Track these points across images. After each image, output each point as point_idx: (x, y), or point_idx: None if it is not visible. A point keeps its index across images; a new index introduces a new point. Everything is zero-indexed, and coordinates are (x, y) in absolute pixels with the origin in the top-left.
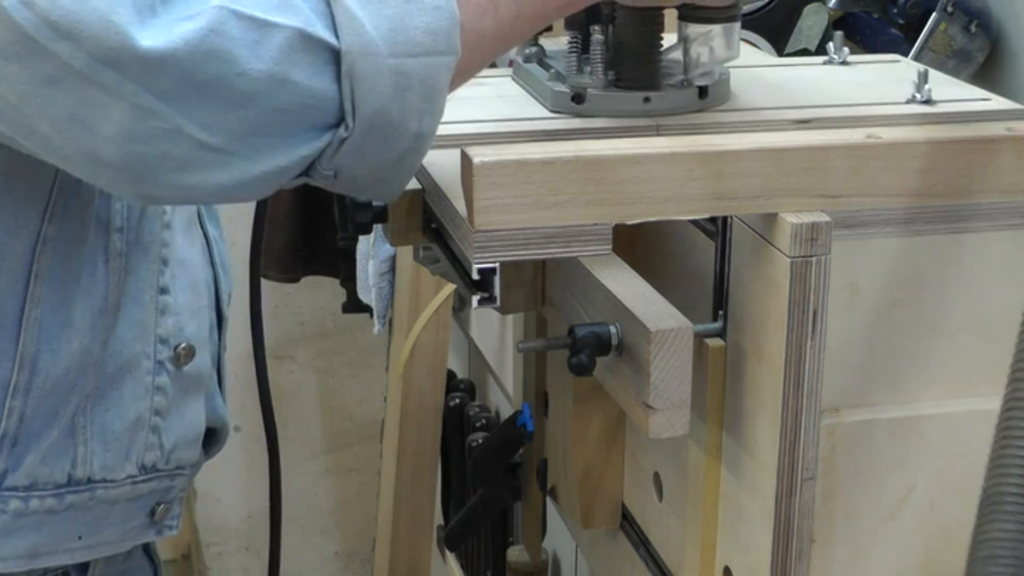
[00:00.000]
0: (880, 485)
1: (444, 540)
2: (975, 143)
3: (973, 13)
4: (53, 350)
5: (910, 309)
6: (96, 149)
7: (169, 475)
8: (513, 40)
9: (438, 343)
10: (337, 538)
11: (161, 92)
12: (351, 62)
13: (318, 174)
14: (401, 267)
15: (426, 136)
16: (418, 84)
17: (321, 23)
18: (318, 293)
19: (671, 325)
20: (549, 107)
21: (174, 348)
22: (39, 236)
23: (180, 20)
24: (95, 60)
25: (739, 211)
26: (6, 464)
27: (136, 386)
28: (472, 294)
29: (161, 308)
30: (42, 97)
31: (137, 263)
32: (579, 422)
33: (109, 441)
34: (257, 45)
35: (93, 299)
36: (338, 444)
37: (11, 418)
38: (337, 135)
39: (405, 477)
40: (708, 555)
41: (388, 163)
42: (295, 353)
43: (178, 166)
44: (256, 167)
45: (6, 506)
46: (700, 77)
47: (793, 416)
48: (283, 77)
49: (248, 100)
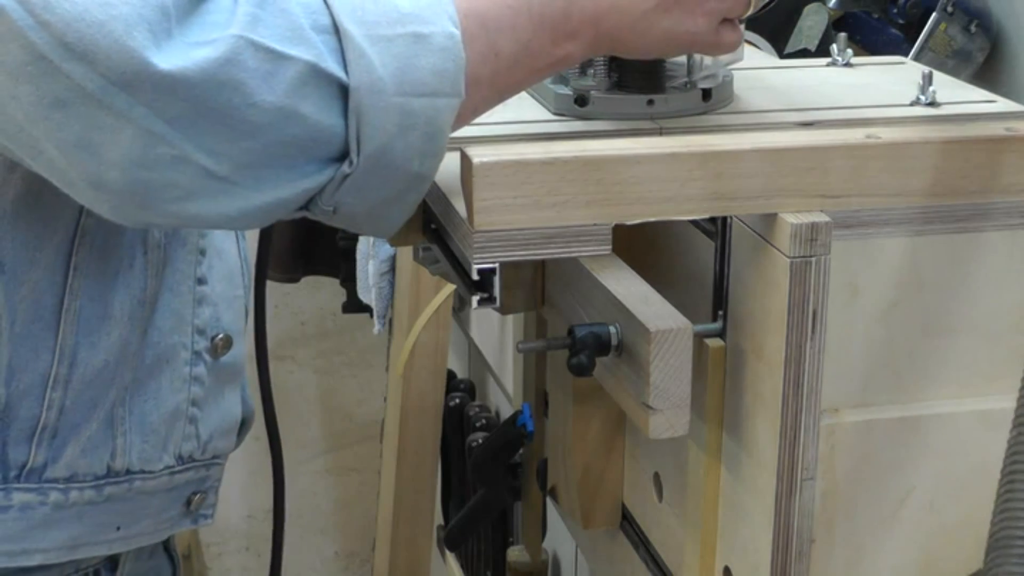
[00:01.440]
0: (880, 485)
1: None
2: (975, 143)
3: (973, 13)
4: (92, 342)
5: (910, 309)
6: (101, 175)
7: (205, 465)
8: (507, 90)
9: (438, 343)
10: (337, 538)
11: (171, 117)
12: (359, 99)
13: (318, 209)
14: (401, 267)
15: (426, 177)
16: (422, 124)
17: (332, 58)
18: (318, 293)
19: (671, 325)
20: (552, 110)
21: (211, 339)
22: (77, 228)
23: (197, 45)
24: (108, 83)
25: (739, 211)
26: (46, 456)
27: (174, 377)
28: (472, 294)
29: (198, 298)
30: (50, 120)
31: (175, 253)
32: (579, 422)
33: (147, 432)
34: (270, 77)
35: (131, 290)
36: (338, 444)
37: (51, 410)
38: (340, 171)
39: (405, 477)
40: (708, 555)
41: (387, 201)
42: (295, 353)
43: (182, 194)
44: (259, 198)
45: (46, 498)
46: (703, 80)
47: (793, 416)
48: (292, 110)
49: (257, 131)
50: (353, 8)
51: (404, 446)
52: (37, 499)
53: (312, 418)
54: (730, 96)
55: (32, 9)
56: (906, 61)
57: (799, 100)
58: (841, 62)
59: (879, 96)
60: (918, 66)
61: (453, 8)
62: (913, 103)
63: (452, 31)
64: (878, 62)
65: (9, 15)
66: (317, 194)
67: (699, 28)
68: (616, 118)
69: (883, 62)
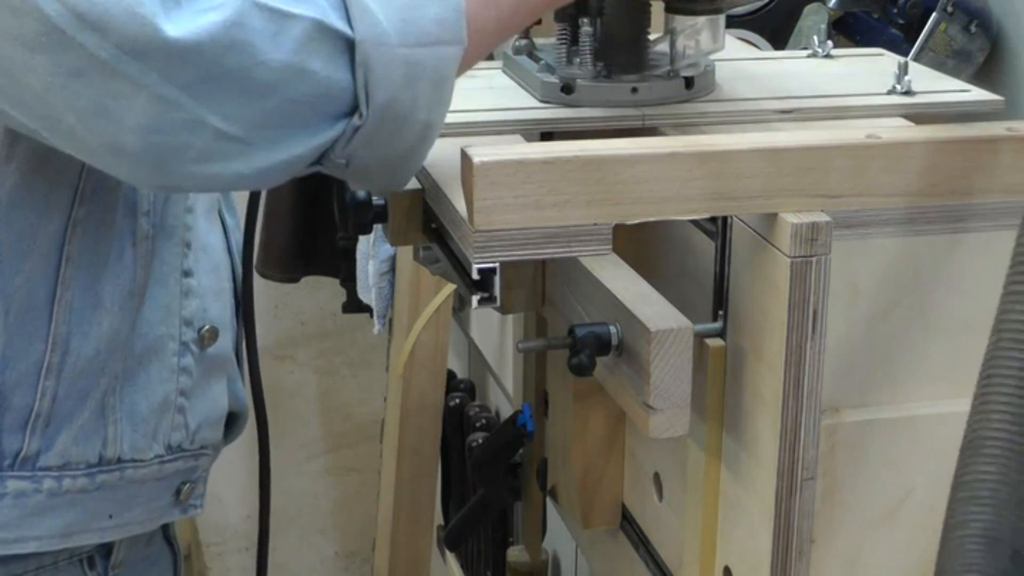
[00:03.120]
0: (880, 485)
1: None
2: (975, 143)
3: (973, 13)
4: (84, 332)
5: (910, 309)
6: (119, 140)
7: (194, 455)
8: (510, 31)
9: (438, 343)
10: (337, 538)
11: (183, 83)
12: (365, 52)
13: (331, 163)
14: (401, 267)
15: (435, 126)
16: (429, 73)
17: (336, 14)
18: (318, 293)
19: (671, 325)
20: (539, 97)
21: (198, 330)
22: (70, 219)
23: (204, 11)
24: (121, 51)
25: (739, 211)
26: (39, 444)
27: (162, 367)
28: (472, 294)
29: (185, 291)
30: (67, 88)
31: (162, 246)
32: (579, 422)
33: (137, 421)
34: (277, 36)
35: (121, 281)
36: (338, 444)
37: (44, 399)
38: (351, 124)
39: (405, 477)
40: (708, 555)
41: (398, 152)
42: (295, 353)
43: (198, 156)
44: (274, 156)
45: (40, 485)
46: (686, 68)
47: (793, 416)
48: (301, 67)
49: (267, 90)
50: None
51: (404, 446)
52: (31, 487)
53: (312, 418)
54: (712, 84)
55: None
56: (884, 53)
57: (779, 88)
58: (821, 53)
59: (857, 85)
60: (896, 57)
61: None
62: (889, 92)
63: None
64: (857, 53)
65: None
66: (329, 148)
67: None
68: (601, 105)
69: (862, 53)
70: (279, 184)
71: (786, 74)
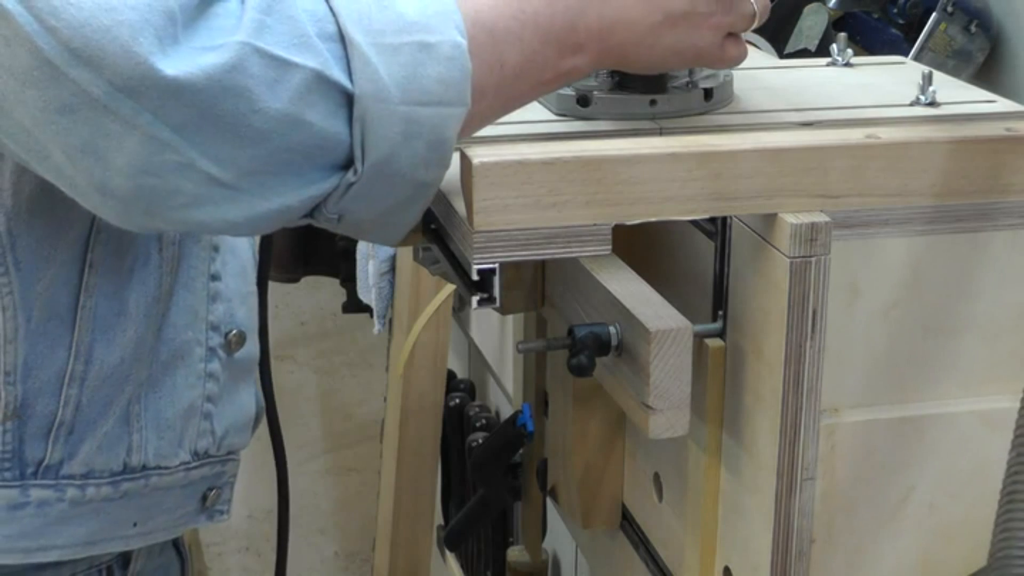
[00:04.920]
0: (880, 485)
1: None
2: (975, 143)
3: (973, 13)
4: (108, 339)
5: (910, 309)
6: (107, 180)
7: (221, 461)
8: (512, 101)
9: (438, 343)
10: (337, 538)
11: (177, 124)
12: (364, 107)
13: (323, 216)
14: (401, 267)
15: (431, 185)
16: (427, 133)
17: (338, 66)
18: (318, 293)
19: (671, 325)
20: (554, 110)
21: (225, 335)
22: (92, 225)
23: (203, 51)
24: (114, 88)
25: (739, 211)
26: (63, 453)
27: (188, 373)
28: (472, 294)
29: (212, 295)
30: (57, 124)
31: (189, 250)
32: (579, 422)
33: (163, 428)
34: (275, 84)
35: (147, 287)
36: (338, 444)
37: (67, 407)
38: (345, 179)
39: (405, 477)
40: (708, 555)
41: (392, 209)
42: (295, 353)
43: (187, 201)
44: (264, 205)
45: (63, 494)
46: (704, 79)
47: (793, 416)
48: (298, 117)
49: (262, 138)
50: (359, 16)
51: (404, 446)
52: (54, 495)
53: (312, 418)
54: (731, 96)
55: (39, 14)
56: (906, 61)
57: (799, 100)
58: (841, 62)
59: (879, 96)
60: (918, 66)
61: (460, 17)
62: (913, 103)
63: (459, 40)
64: (878, 62)
65: (16, 20)
66: (322, 202)
67: (705, 42)
68: (618, 118)
69: (883, 62)
70: (267, 233)
71: (806, 84)
